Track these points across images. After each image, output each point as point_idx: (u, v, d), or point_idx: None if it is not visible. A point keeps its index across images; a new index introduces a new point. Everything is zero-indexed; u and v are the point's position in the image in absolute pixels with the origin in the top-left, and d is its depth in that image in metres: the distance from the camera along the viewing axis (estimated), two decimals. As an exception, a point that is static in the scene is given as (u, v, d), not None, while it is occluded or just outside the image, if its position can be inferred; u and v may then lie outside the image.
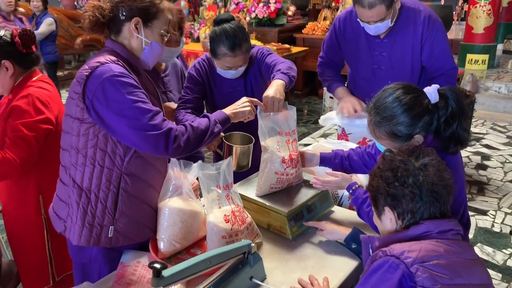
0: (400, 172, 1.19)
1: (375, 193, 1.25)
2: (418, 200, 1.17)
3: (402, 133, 1.41)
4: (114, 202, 1.48)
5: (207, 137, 1.50)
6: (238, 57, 2.01)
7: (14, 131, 1.75)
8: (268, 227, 1.76)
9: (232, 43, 1.96)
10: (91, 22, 1.46)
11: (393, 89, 1.43)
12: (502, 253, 3.00)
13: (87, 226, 1.48)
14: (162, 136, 1.38)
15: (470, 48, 7.28)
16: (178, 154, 1.46)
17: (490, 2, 6.94)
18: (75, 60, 10.14)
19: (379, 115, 1.43)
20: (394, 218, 1.22)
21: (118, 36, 1.53)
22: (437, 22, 2.17)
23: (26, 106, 1.78)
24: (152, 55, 1.57)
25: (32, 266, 2.00)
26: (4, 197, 1.99)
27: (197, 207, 1.60)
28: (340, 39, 2.35)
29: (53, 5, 9.61)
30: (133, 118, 1.36)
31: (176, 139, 1.41)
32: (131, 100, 1.37)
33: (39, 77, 1.92)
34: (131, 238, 1.54)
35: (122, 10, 1.48)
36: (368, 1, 1.96)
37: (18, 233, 1.97)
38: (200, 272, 1.21)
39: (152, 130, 1.37)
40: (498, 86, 6.45)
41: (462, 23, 9.64)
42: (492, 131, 5.40)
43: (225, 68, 2.07)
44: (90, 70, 1.39)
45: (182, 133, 1.43)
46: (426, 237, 1.16)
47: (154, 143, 1.38)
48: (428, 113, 1.40)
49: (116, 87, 1.37)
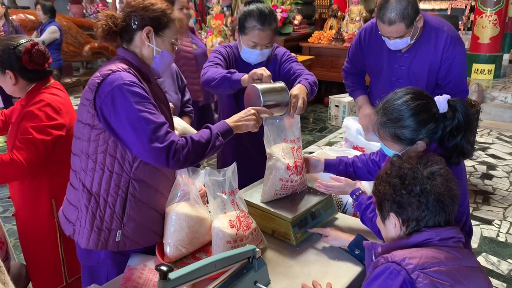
0: (408, 180, 1.19)
1: (381, 198, 1.25)
2: (424, 209, 1.18)
3: (405, 136, 1.43)
4: (122, 207, 1.51)
5: (208, 150, 1.50)
6: (266, 32, 2.09)
7: (24, 133, 1.79)
8: (272, 233, 1.78)
9: (263, 16, 2.07)
10: (104, 31, 1.50)
11: (403, 92, 1.46)
12: (507, 262, 2.99)
13: (96, 230, 1.50)
14: (164, 149, 1.39)
15: (476, 58, 7.29)
16: (178, 167, 1.47)
17: (496, 12, 6.95)
18: (83, 67, 10.25)
19: (385, 116, 1.45)
20: (399, 225, 1.23)
21: (130, 44, 1.56)
22: (459, 45, 2.18)
23: (38, 111, 1.82)
24: (163, 64, 1.60)
25: (45, 268, 2.03)
26: (17, 201, 2.02)
27: (203, 213, 1.62)
28: (364, 49, 2.38)
29: (63, 13, 9.75)
30: (138, 128, 1.38)
31: (176, 153, 1.41)
32: (138, 109, 1.39)
33: (52, 84, 1.96)
34: (138, 242, 1.56)
35: (134, 19, 1.52)
36: (389, 17, 1.98)
37: (31, 236, 2.00)
38: (206, 275, 1.23)
39: (155, 142, 1.38)
40: (504, 96, 6.44)
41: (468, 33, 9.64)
42: (498, 141, 5.39)
43: (251, 45, 2.13)
44: (101, 78, 1.43)
45: (182, 146, 1.43)
46: (428, 244, 1.17)
47: (155, 155, 1.39)
48: (434, 121, 1.42)
49: (125, 96, 1.39)
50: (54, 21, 6.15)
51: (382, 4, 2.02)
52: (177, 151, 1.41)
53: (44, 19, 6.10)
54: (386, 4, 1.99)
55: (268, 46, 2.16)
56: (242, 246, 1.51)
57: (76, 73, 9.85)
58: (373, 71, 2.43)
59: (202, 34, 6.44)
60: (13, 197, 2.04)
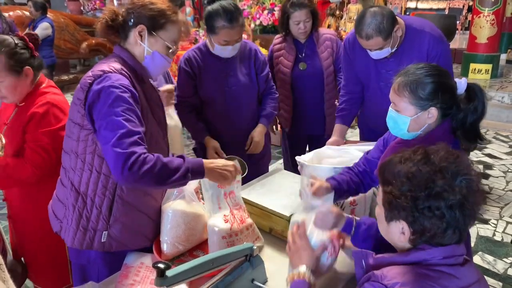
0: (435, 195, 1.00)
1: (395, 203, 1.05)
2: (442, 229, 1.02)
3: (424, 94, 1.41)
4: (109, 208, 1.49)
5: (171, 180, 1.37)
6: (235, 29, 2.17)
7: (34, 140, 1.78)
8: (270, 231, 1.77)
9: (229, 14, 2.12)
10: (101, 25, 1.50)
11: (426, 66, 1.46)
12: (503, 262, 3.00)
13: (81, 229, 1.49)
14: (122, 156, 1.29)
15: (474, 57, 7.31)
16: (132, 181, 1.33)
17: (494, 12, 6.98)
18: (80, 64, 10.23)
19: (411, 75, 1.44)
20: (408, 234, 1.05)
21: (126, 42, 1.55)
22: (442, 43, 2.20)
23: (46, 114, 1.80)
24: (154, 65, 1.56)
25: (52, 268, 2.02)
26: (17, 203, 1.99)
27: (199, 210, 1.62)
28: (351, 58, 2.39)
29: (60, 10, 9.72)
30: (109, 129, 1.33)
31: (134, 164, 1.30)
32: (116, 113, 1.34)
33: (47, 83, 1.94)
34: (125, 244, 1.54)
35: (131, 17, 1.51)
36: (365, 32, 2.01)
37: (33, 238, 1.98)
38: (203, 273, 1.23)
39: (117, 147, 1.30)
40: (501, 96, 6.46)
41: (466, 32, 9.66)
42: (495, 141, 5.41)
43: (222, 43, 2.20)
44: (93, 78, 1.41)
45: (145, 161, 1.32)
46: (426, 263, 1.03)
47: (113, 159, 1.31)
48: (452, 92, 1.42)
49: (109, 97, 1.36)
50: (46, 18, 6.15)
51: (359, 19, 2.05)
52: (135, 163, 1.30)
53: (35, 16, 6.10)
54: (362, 20, 2.02)
55: (238, 41, 2.24)
56: (238, 241, 1.52)
57: (73, 70, 9.83)
58: (362, 78, 2.43)
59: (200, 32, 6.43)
60: (12, 200, 2.01)
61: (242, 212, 1.61)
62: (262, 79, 2.48)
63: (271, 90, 2.54)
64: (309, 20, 2.67)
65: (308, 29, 2.70)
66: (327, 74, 2.77)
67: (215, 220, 1.53)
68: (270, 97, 2.53)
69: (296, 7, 2.65)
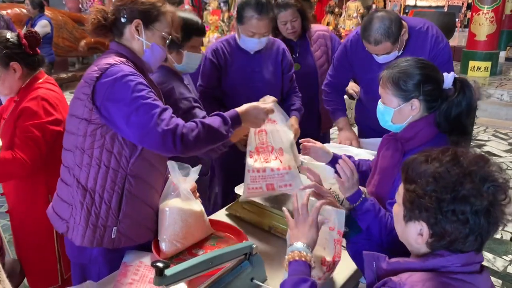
0: (461, 199, 0.96)
1: (418, 203, 1.01)
2: (464, 235, 0.98)
3: (406, 86, 1.42)
4: (118, 203, 1.49)
5: (218, 137, 1.48)
6: (263, 21, 2.17)
7: (24, 132, 1.78)
8: (269, 229, 1.77)
9: (260, 5, 2.14)
10: (93, 25, 1.50)
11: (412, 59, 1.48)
12: (502, 259, 3.01)
13: (91, 226, 1.49)
14: (170, 132, 1.36)
15: (473, 55, 7.31)
16: (187, 152, 1.42)
17: (493, 9, 6.97)
18: (79, 62, 10.21)
19: (396, 67, 1.46)
20: (427, 236, 1.01)
21: (121, 38, 1.55)
22: (442, 42, 2.21)
23: (35, 107, 1.80)
24: (154, 58, 1.58)
25: (41, 265, 2.01)
26: (12, 198, 2.00)
27: (196, 207, 1.63)
28: (352, 60, 2.38)
29: (59, 7, 9.69)
30: (142, 114, 1.36)
31: (184, 136, 1.38)
32: (141, 96, 1.38)
33: (45, 79, 1.94)
34: (132, 239, 1.55)
35: (123, 13, 1.51)
36: (374, 38, 1.99)
37: (27, 232, 1.98)
38: (202, 272, 1.23)
39: (160, 125, 1.36)
40: (500, 93, 6.47)
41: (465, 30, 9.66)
42: (494, 138, 5.41)
43: (249, 34, 2.21)
44: (100, 72, 1.41)
45: (191, 129, 1.41)
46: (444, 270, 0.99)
47: (162, 139, 1.36)
48: (436, 85, 1.42)
49: (127, 85, 1.38)
50: (44, 15, 6.14)
51: (366, 25, 2.03)
52: (184, 135, 1.38)
53: (33, 14, 6.08)
54: (370, 25, 2.00)
55: (265, 35, 2.24)
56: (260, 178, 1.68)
57: (71, 68, 9.80)
58: (363, 80, 2.43)
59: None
60: (8, 194, 2.02)
61: (268, 152, 1.68)
62: (287, 78, 2.47)
63: (296, 90, 2.53)
64: (296, 20, 2.65)
65: (298, 29, 2.68)
66: (321, 73, 2.76)
67: (247, 158, 1.69)
68: (295, 95, 2.51)
69: (281, 7, 2.64)
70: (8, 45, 1.82)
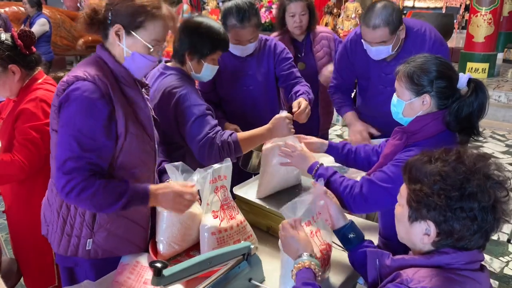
0: (469, 196, 0.98)
1: (428, 204, 1.02)
2: (472, 232, 1.00)
3: (419, 81, 1.44)
4: (92, 216, 1.46)
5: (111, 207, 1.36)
6: (246, 29, 2.14)
7: (23, 134, 1.77)
8: (267, 230, 1.77)
9: (241, 13, 2.09)
10: (80, 22, 1.44)
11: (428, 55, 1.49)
12: (499, 260, 3.02)
13: (66, 236, 1.47)
14: (64, 178, 1.31)
15: (471, 56, 7.33)
16: (76, 203, 1.38)
17: (491, 11, 6.99)
18: (76, 61, 10.20)
19: (413, 62, 1.48)
20: (433, 235, 1.03)
21: (106, 41, 1.46)
22: (442, 46, 2.21)
23: (34, 109, 1.79)
24: (135, 67, 1.45)
25: (37, 265, 2.01)
26: (9, 197, 2.00)
27: (195, 209, 1.60)
28: (352, 59, 2.38)
29: (57, 6, 9.67)
30: (62, 147, 1.33)
31: (75, 188, 1.31)
32: (77, 129, 1.32)
33: (44, 79, 1.93)
34: (111, 251, 1.51)
35: (109, 14, 1.41)
36: (373, 22, 2.00)
37: (23, 233, 1.98)
38: (200, 272, 1.22)
39: (61, 169, 1.32)
40: (497, 95, 6.48)
41: (463, 31, 9.67)
42: (491, 140, 5.43)
43: (234, 42, 2.17)
44: (66, 85, 1.36)
45: (86, 186, 1.32)
46: (449, 267, 1.02)
47: (58, 182, 1.33)
48: (450, 83, 1.43)
49: (75, 109, 1.32)
50: (42, 14, 6.12)
51: (368, 9, 2.06)
52: (75, 187, 1.31)
53: (31, 12, 6.06)
54: (372, 9, 2.03)
55: (251, 41, 2.21)
56: (228, 237, 1.51)
57: (69, 67, 9.78)
58: (363, 79, 2.43)
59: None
60: (5, 194, 2.01)
61: (232, 209, 1.59)
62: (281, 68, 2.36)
63: (302, 81, 2.38)
64: (304, 14, 2.63)
65: (304, 24, 2.66)
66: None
67: (205, 217, 1.52)
68: (301, 84, 2.34)
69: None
70: (4, 47, 1.80)
